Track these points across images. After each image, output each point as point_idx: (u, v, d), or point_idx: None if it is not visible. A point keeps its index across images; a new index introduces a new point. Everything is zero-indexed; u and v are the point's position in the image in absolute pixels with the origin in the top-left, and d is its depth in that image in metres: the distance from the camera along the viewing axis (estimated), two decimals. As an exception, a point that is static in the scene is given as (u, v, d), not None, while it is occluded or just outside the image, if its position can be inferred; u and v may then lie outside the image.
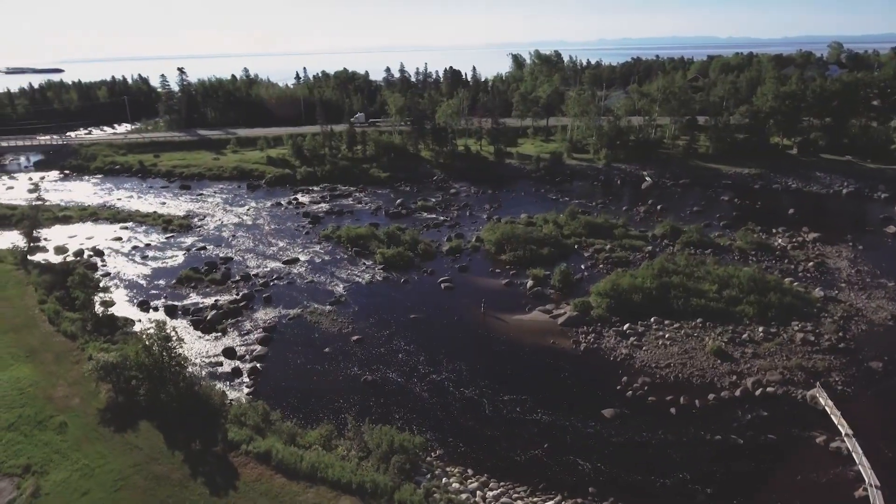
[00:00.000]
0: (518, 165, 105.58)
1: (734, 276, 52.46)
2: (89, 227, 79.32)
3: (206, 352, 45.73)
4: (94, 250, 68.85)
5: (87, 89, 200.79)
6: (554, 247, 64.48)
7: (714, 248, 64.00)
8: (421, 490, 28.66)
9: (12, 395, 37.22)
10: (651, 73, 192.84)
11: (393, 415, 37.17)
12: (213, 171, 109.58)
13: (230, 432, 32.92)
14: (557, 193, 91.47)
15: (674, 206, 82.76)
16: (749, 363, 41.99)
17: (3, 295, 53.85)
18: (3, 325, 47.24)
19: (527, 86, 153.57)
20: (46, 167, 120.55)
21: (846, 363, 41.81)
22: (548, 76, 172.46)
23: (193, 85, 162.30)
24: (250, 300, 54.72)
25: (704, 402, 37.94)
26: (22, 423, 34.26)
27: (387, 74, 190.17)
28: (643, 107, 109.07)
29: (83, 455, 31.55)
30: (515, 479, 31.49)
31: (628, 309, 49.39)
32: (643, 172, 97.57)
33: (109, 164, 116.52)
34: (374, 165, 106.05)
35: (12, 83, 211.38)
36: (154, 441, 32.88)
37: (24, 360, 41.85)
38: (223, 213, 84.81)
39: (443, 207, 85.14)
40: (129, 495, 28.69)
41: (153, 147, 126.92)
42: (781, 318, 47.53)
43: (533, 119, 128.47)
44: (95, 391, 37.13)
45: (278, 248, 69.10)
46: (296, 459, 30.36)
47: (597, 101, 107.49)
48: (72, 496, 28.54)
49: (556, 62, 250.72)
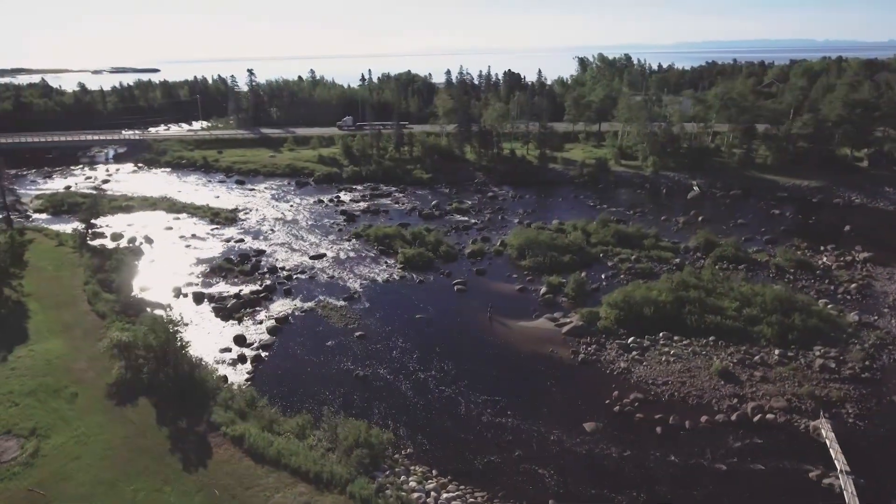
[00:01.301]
0: (562, 171, 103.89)
1: (759, 293, 49.54)
2: (147, 216, 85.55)
3: (219, 338, 48.40)
4: (145, 238, 74.34)
5: (170, 88, 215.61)
6: (577, 255, 63.21)
7: (748, 264, 60.55)
8: (374, 485, 29.27)
9: (39, 364, 41.16)
10: (723, 77, 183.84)
11: (373, 410, 38.04)
12: (267, 168, 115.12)
13: (214, 414, 34.89)
14: (597, 200, 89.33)
15: (718, 217, 78.76)
16: (755, 387, 39.61)
17: (57, 275, 59.35)
18: (50, 302, 52.16)
19: (585, 90, 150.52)
20: (124, 160, 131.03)
21: (865, 395, 38.56)
22: (609, 80, 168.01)
23: (261, 86, 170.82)
24: (271, 292, 57.35)
25: (696, 423, 36.22)
26: (41, 390, 37.83)
27: (447, 77, 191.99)
28: (698, 113, 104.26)
29: (83, 424, 34.48)
30: (477, 483, 31.46)
31: (638, 322, 47.77)
32: (692, 182, 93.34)
33: (178, 158, 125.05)
34: (417, 167, 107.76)
35: (115, 81, 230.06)
36: (147, 417, 35.41)
37: (58, 334, 46.08)
38: (267, 208, 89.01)
39: (476, 210, 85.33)
40: (112, 464, 31.11)
41: (218, 144, 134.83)
42: (803, 342, 44.42)
43: (585, 124, 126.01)
44: (109, 367, 40.34)
45: (309, 244, 71.85)
46: (265, 445, 31.82)
47: (649, 107, 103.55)
48: (64, 460, 31.32)
49: (624, 65, 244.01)
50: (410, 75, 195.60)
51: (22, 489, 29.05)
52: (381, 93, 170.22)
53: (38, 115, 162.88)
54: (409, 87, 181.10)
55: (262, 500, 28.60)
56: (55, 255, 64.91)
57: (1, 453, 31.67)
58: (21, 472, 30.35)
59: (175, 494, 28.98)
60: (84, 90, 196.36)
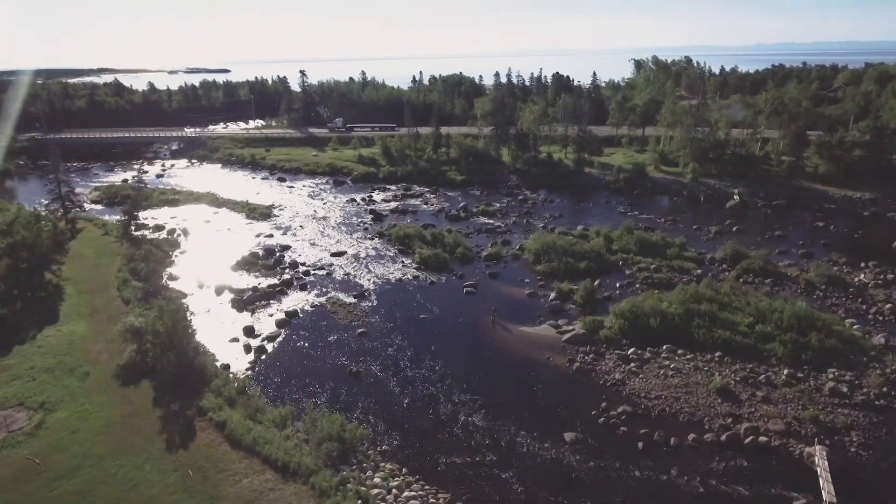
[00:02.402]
0: (598, 175, 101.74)
1: (777, 310, 47.04)
2: (190, 209, 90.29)
3: (231, 328, 50.60)
4: (182, 230, 78.50)
5: (232, 88, 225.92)
6: (594, 261, 61.91)
7: (776, 278, 57.46)
8: (337, 478, 30.02)
9: (62, 344, 44.52)
10: (789, 81, 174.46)
11: (357, 405, 38.86)
12: (309, 167, 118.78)
13: (205, 400, 36.70)
14: (629, 207, 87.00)
15: (754, 228, 75.05)
16: (754, 407, 37.73)
17: (97, 262, 63.77)
18: (85, 287, 56.17)
19: (633, 93, 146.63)
20: (180, 156, 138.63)
21: (876, 423, 35.98)
22: (662, 83, 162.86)
23: (313, 86, 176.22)
24: (288, 286, 59.36)
25: (682, 441, 34.93)
26: (58, 368, 40.94)
27: (496, 79, 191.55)
28: (745, 118, 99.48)
29: (88, 401, 37.09)
30: (443, 484, 31.64)
31: (643, 333, 46.45)
32: (733, 190, 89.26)
33: (228, 155, 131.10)
34: (452, 168, 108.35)
35: (189, 81, 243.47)
36: (145, 398, 37.67)
37: (85, 317, 49.63)
38: (301, 205, 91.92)
39: (503, 213, 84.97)
40: (105, 440, 33.34)
41: (267, 142, 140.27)
42: (817, 363, 41.89)
43: (629, 128, 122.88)
44: (122, 350, 43.14)
45: (333, 241, 73.76)
46: (244, 432, 33.22)
47: (701, 112, 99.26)
48: (64, 433, 33.84)
49: (683, 67, 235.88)
50: (458, 77, 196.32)
51: (21, 457, 31.64)
52: (426, 94, 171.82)
53: (110, 113, 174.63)
54: (456, 89, 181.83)
55: (230, 484, 29.93)
56: (99, 244, 69.74)
57: (11, 423, 34.58)
58: (24, 441, 33.06)
59: (153, 472, 30.76)
60: (153, 89, 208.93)
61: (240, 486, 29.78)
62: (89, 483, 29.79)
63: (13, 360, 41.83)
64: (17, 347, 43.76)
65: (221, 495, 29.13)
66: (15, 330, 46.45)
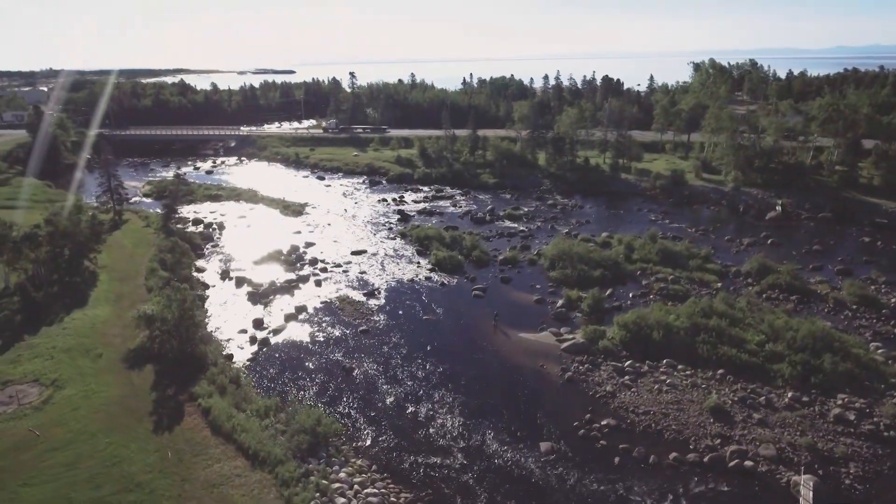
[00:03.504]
0: (634, 182, 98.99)
1: (792, 328, 44.52)
2: (230, 205, 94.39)
3: (242, 319, 52.71)
4: (217, 224, 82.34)
5: (288, 89, 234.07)
6: (610, 270, 60.48)
7: (802, 295, 54.26)
8: (302, 470, 30.89)
9: (85, 327, 47.73)
10: (861, 86, 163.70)
11: (342, 400, 39.73)
12: (348, 166, 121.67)
13: (197, 387, 38.57)
14: (661, 215, 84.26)
15: (792, 241, 71.03)
16: (748, 430, 35.90)
17: (134, 251, 67.92)
18: (117, 275, 59.96)
19: (684, 97, 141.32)
20: (232, 153, 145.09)
21: (879, 456, 33.47)
22: (717, 87, 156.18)
23: (362, 88, 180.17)
24: (304, 281, 61.22)
25: (662, 458, 33.72)
26: (75, 348, 43.97)
27: (545, 82, 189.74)
28: (795, 125, 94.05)
29: (95, 381, 39.67)
30: (408, 485, 31.94)
31: (645, 345, 45.11)
32: (776, 200, 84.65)
33: (274, 154, 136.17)
34: (487, 171, 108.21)
35: (257, 81, 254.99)
36: (146, 381, 39.96)
37: (111, 303, 53.01)
38: (334, 203, 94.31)
39: (529, 217, 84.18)
40: (101, 418, 35.57)
41: (312, 142, 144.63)
42: (827, 387, 39.36)
43: (675, 133, 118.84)
44: (135, 335, 45.91)
45: (357, 239, 75.32)
46: (225, 419, 34.71)
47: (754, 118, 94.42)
48: (67, 409, 36.37)
49: (747, 71, 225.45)
50: (505, 80, 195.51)
51: (24, 428, 34.25)
52: (472, 96, 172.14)
53: (173, 111, 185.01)
54: (503, 92, 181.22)
55: (202, 468, 31.39)
56: (139, 235, 74.23)
57: (23, 397, 37.51)
58: (30, 414, 35.76)
59: (137, 451, 32.62)
60: (215, 90, 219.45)
61: (210, 470, 31.18)
62: (78, 456, 31.94)
63: (39, 340, 45.25)
64: (44, 328, 47.25)
65: (192, 478, 30.60)
66: (46, 312, 50.23)
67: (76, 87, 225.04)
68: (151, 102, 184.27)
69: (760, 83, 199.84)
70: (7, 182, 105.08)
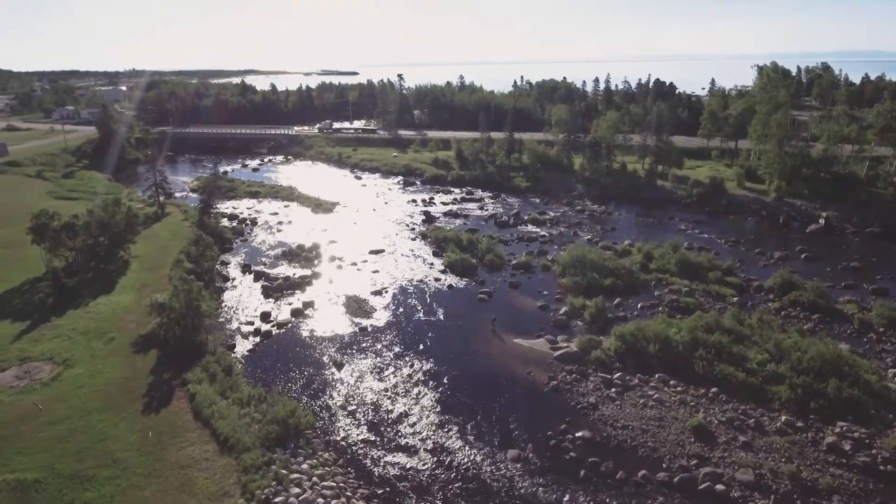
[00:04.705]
0: (670, 189, 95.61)
1: (800, 349, 42.01)
2: (267, 201, 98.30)
3: (252, 312, 55.02)
4: (252, 220, 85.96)
5: (342, 90, 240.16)
6: (623, 279, 58.89)
7: (825, 314, 50.96)
8: (265, 458, 32.09)
9: (106, 311, 51.30)
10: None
11: (324, 393, 40.87)
12: (387, 167, 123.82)
13: (190, 373, 40.69)
14: (693, 223, 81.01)
15: (829, 256, 66.62)
16: (729, 452, 34.27)
17: (169, 243, 71.91)
18: (147, 265, 63.83)
19: (741, 102, 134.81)
20: (281, 152, 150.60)
21: (869, 491, 31.14)
22: (776, 91, 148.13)
23: (411, 89, 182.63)
24: (317, 278, 63.08)
25: (630, 475, 32.73)
26: (92, 331, 47.35)
27: (595, 85, 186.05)
28: (849, 133, 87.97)
29: (102, 362, 42.64)
30: (368, 481, 32.53)
31: (639, 358, 43.86)
32: (821, 213, 79.56)
33: (318, 153, 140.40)
34: (520, 174, 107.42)
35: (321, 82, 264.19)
36: (147, 366, 42.49)
37: (135, 290, 56.57)
38: (364, 202, 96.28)
39: (554, 223, 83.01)
40: (100, 397, 38.25)
41: (355, 142, 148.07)
42: (827, 413, 36.94)
43: (722, 140, 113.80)
44: (148, 321, 48.88)
45: (378, 238, 76.62)
46: (207, 405, 36.48)
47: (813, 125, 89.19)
48: (70, 386, 39.34)
49: (819, 75, 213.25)
50: (554, 82, 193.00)
51: (30, 402, 37.34)
52: (518, 99, 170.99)
53: (232, 111, 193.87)
54: (551, 95, 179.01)
55: (176, 450, 33.19)
56: (176, 227, 78.57)
57: (36, 373, 40.84)
58: (39, 389, 38.93)
59: (123, 429, 34.89)
60: (273, 90, 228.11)
61: (183, 452, 32.93)
62: (71, 431, 34.53)
63: (63, 322, 49.01)
64: (70, 311, 51.13)
65: (164, 458, 32.43)
66: (76, 296, 54.31)
67: (150, 87, 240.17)
68: (212, 102, 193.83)
69: (830, 88, 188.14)
70: (72, 175, 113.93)
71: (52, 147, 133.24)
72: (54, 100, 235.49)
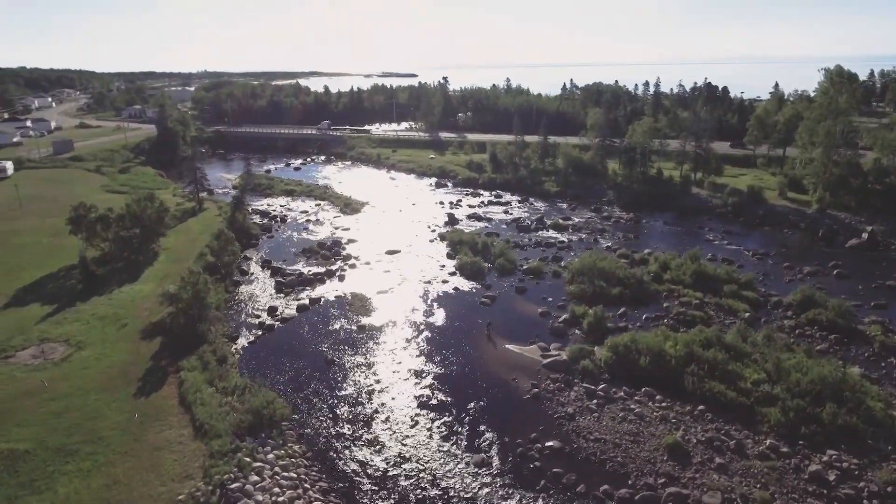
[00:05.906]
0: (705, 197, 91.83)
1: (801, 370, 39.70)
2: (300, 200, 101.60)
3: (261, 306, 57.24)
4: (281, 217, 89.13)
5: (392, 92, 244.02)
6: (632, 289, 57.30)
7: (844, 335, 47.78)
8: (232, 446, 33.47)
9: (126, 300, 54.71)
10: None
11: (308, 387, 42.05)
12: (422, 168, 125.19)
13: (185, 360, 42.91)
14: (723, 234, 77.59)
15: (864, 273, 62.21)
16: (701, 474, 32.86)
17: (199, 237, 75.63)
18: (174, 257, 67.46)
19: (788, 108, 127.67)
20: (324, 151, 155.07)
21: (845, 525, 29.17)
22: (837, 96, 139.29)
23: (455, 92, 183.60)
24: (329, 276, 64.73)
25: (592, 489, 31.97)
26: (110, 317, 50.66)
27: (644, 88, 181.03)
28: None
29: (110, 346, 45.61)
30: (329, 474, 33.28)
31: (629, 370, 42.68)
32: (866, 227, 74.37)
33: (359, 154, 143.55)
34: (551, 179, 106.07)
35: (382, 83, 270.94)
36: (150, 351, 45.09)
37: (156, 281, 59.92)
38: (392, 203, 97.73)
39: (576, 229, 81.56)
40: (100, 378, 40.94)
41: (396, 143, 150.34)
42: (818, 441, 34.76)
43: (769, 147, 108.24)
44: (160, 310, 51.80)
45: (397, 238, 77.69)
46: (191, 392, 38.41)
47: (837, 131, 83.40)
48: (77, 366, 42.32)
49: (893, 79, 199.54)
50: (599, 85, 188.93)
51: (38, 379, 40.47)
52: (562, 102, 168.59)
53: (285, 112, 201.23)
54: (597, 98, 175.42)
55: (155, 432, 35.16)
56: (209, 223, 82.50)
57: (49, 353, 44.17)
58: (49, 368, 42.09)
59: (114, 410, 37.25)
60: (326, 92, 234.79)
61: (160, 435, 34.84)
62: (67, 408, 37.21)
63: (85, 307, 52.69)
64: (95, 298, 54.86)
65: (143, 439, 34.43)
66: (104, 284, 58.20)
67: (213, 88, 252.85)
68: (266, 103, 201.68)
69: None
70: (128, 170, 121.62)
71: (113, 144, 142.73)
72: (126, 99, 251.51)
